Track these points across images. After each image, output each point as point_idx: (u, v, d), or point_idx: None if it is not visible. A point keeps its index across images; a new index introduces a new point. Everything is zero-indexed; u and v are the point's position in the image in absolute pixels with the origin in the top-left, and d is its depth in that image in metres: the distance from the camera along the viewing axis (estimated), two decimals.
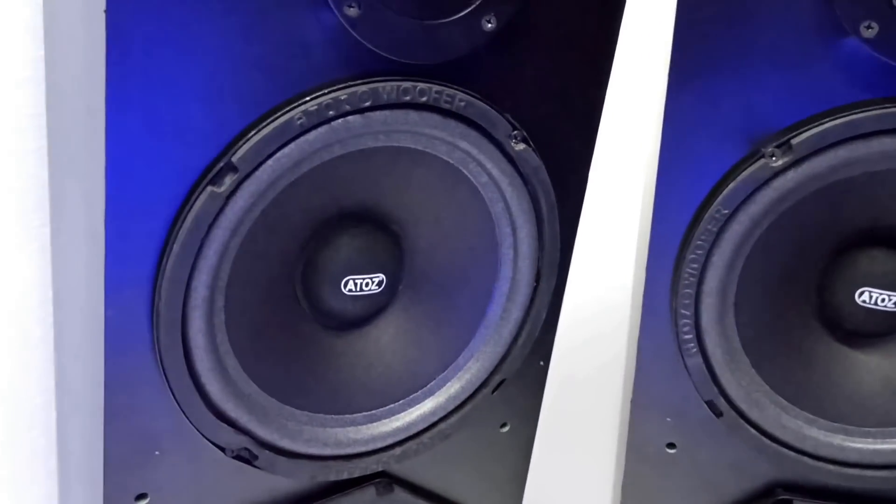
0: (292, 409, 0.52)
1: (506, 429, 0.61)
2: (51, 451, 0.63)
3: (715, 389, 0.56)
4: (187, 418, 0.47)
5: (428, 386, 0.56)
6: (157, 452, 0.48)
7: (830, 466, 0.57)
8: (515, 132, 0.50)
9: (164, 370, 0.45)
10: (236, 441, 0.49)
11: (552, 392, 0.63)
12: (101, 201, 0.43)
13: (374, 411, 0.55)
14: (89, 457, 0.51)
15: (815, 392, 0.57)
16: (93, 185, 0.44)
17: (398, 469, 0.58)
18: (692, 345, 0.55)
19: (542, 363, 0.60)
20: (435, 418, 0.56)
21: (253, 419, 0.50)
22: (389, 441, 0.55)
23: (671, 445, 0.60)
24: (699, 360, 0.56)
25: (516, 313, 0.56)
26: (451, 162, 0.51)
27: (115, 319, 0.44)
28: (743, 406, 0.57)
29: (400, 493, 0.57)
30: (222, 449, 0.49)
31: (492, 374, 0.57)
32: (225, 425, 0.49)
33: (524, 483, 0.64)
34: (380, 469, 0.56)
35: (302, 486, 0.55)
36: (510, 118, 0.50)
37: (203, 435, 0.48)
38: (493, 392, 0.57)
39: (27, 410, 0.63)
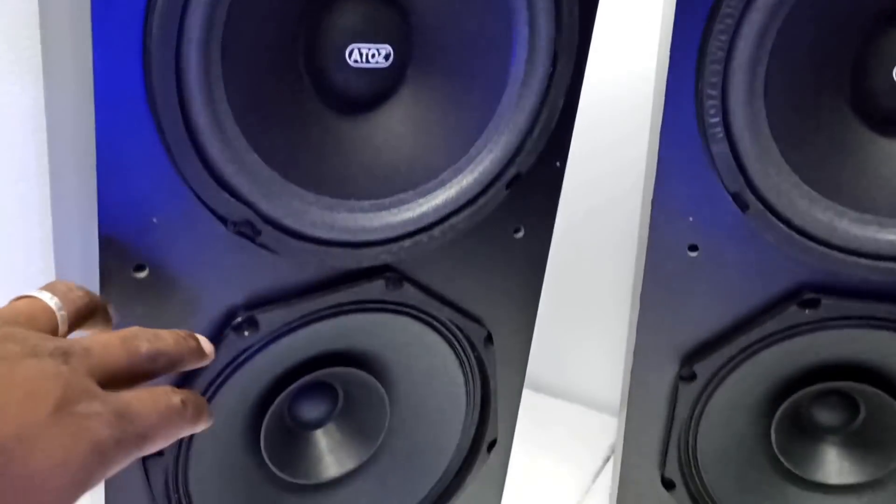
0: (297, 187, 0.49)
1: (520, 234, 0.58)
2: (47, 237, 0.61)
3: (741, 180, 0.54)
4: (184, 179, 0.44)
5: (439, 177, 0.53)
6: (153, 219, 0.45)
7: (862, 260, 0.54)
8: None
9: (158, 122, 0.43)
10: (238, 212, 0.47)
11: (568, 198, 0.60)
12: None
13: (382, 200, 0.52)
14: (81, 222, 0.48)
15: (847, 182, 0.54)
16: None
17: (408, 268, 0.55)
18: (718, 129, 0.52)
19: (558, 164, 0.57)
20: (446, 211, 0.54)
21: (255, 190, 0.47)
22: (399, 232, 0.53)
23: (693, 248, 0.57)
24: (725, 146, 0.53)
25: (531, 100, 0.53)
26: None
27: (103, 64, 0.41)
28: (771, 198, 0.54)
29: (410, 290, 0.55)
30: (223, 220, 0.47)
31: (506, 167, 0.54)
32: (225, 193, 0.46)
33: (538, 295, 0.61)
34: (389, 261, 0.53)
35: (307, 276, 0.52)
36: None
37: (201, 200, 0.45)
38: (507, 188, 0.55)
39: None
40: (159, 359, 0.40)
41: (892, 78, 0.51)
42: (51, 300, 0.40)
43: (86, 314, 0.42)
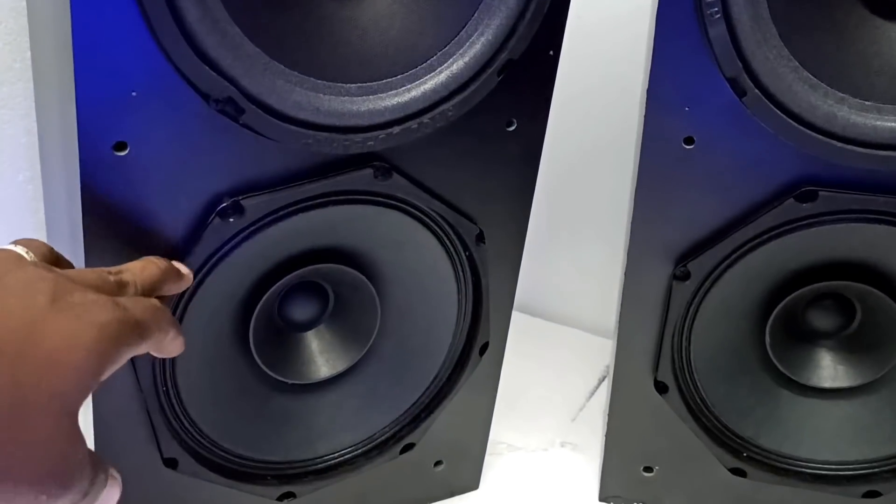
0: (281, 65, 0.47)
1: (512, 127, 0.57)
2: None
3: (739, 65, 0.52)
4: (162, 50, 0.43)
5: (428, 62, 0.52)
6: (133, 93, 0.44)
7: (861, 149, 0.53)
8: None
9: None
10: (219, 88, 0.45)
11: (562, 93, 0.59)
12: None
13: (370, 83, 0.51)
14: (61, 96, 0.47)
15: (847, 68, 0.52)
16: None
17: (398, 160, 0.54)
18: (716, 9, 0.51)
19: (551, 52, 0.56)
20: (436, 97, 0.52)
21: (238, 65, 0.45)
22: (387, 117, 0.51)
23: (689, 140, 0.56)
24: (723, 28, 0.51)
25: None
26: None
27: None
28: (769, 83, 0.52)
29: (399, 180, 0.54)
30: (206, 97, 0.46)
31: (497, 52, 0.53)
32: (206, 67, 0.44)
33: (531, 192, 0.60)
34: (377, 149, 0.52)
35: (294, 163, 0.51)
36: None
37: (182, 74, 0.44)
38: (498, 75, 0.53)
39: None
40: (129, 286, 0.42)
41: None
42: (18, 248, 0.40)
43: (53, 263, 0.42)
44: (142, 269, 0.43)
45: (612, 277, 0.65)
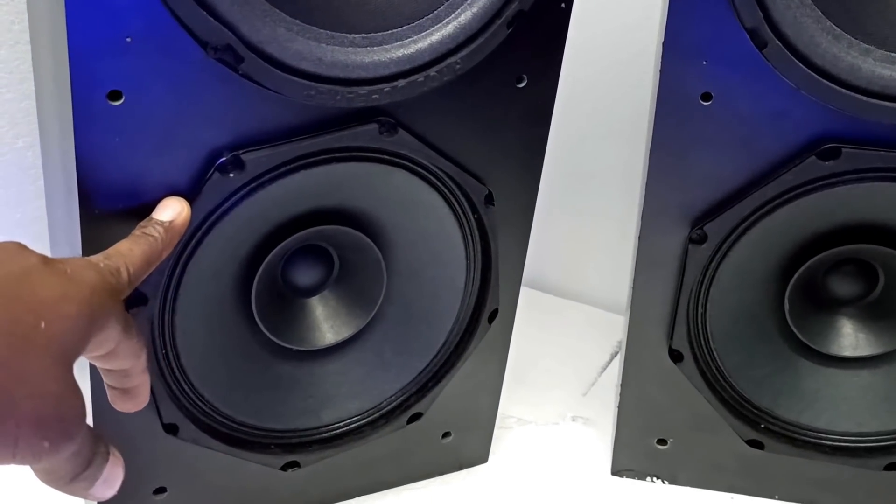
0: (282, 13, 0.45)
1: (522, 84, 0.55)
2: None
3: (759, 14, 0.50)
4: None
5: (434, 12, 0.50)
6: (127, 39, 0.43)
7: (887, 103, 0.51)
8: None
9: None
10: (217, 35, 0.43)
11: (573, 50, 0.57)
12: None
13: (374, 34, 0.49)
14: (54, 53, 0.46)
15: (872, 18, 0.50)
16: None
17: (404, 117, 0.52)
18: None
19: (563, 4, 0.54)
20: (443, 49, 0.50)
21: (235, 11, 0.43)
22: (392, 70, 0.49)
23: (706, 97, 0.54)
24: None
25: None
26: None
27: None
28: (790, 34, 0.50)
29: (405, 136, 0.52)
30: (203, 45, 0.44)
31: (507, 1, 0.51)
32: (202, 10, 0.43)
33: (542, 153, 0.58)
34: (382, 103, 0.50)
35: (296, 118, 0.49)
36: None
37: (177, 17, 0.42)
38: (508, 27, 0.51)
39: None
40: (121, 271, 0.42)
41: None
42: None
43: None
44: (129, 250, 0.43)
45: (625, 252, 0.64)
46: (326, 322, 0.59)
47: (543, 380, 0.83)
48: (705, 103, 0.54)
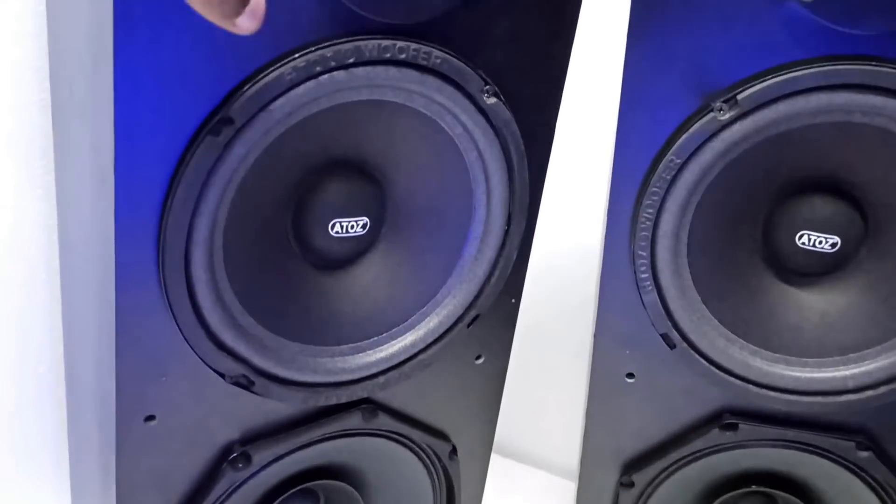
0: (285, 339, 0.57)
1: (480, 360, 0.66)
2: (59, 381, 0.68)
3: (669, 323, 0.62)
4: (191, 347, 0.52)
5: (409, 321, 0.61)
6: (163, 378, 0.53)
7: (772, 393, 0.63)
8: (487, 87, 0.55)
9: (169, 303, 0.50)
10: (235, 368, 0.54)
11: (524, 328, 0.69)
12: (110, 149, 0.47)
13: (359, 343, 0.60)
14: (98, 383, 0.56)
15: (759, 326, 0.63)
16: (101, 134, 0.48)
17: (382, 396, 0.63)
18: (648, 283, 0.61)
19: (513, 300, 0.65)
20: (415, 350, 0.62)
21: (250, 349, 0.55)
22: (374, 370, 0.61)
23: (630, 375, 0.66)
24: (654, 296, 0.61)
25: (489, 253, 0.61)
26: (429, 114, 0.55)
27: (125, 257, 0.49)
28: (694, 338, 0.63)
29: (384, 418, 0.63)
30: (222, 375, 0.55)
31: (467, 309, 0.62)
32: (225, 354, 0.54)
33: (497, 411, 0.70)
34: (365, 396, 0.61)
35: (294, 410, 0.60)
36: (482, 74, 0.55)
37: (205, 362, 0.53)
38: (468, 326, 0.63)
39: (34, 347, 0.68)
40: None
41: (796, 243, 0.60)
42: None
43: None
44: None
45: (574, 423, 0.73)
46: None
47: None
48: (629, 380, 0.66)
